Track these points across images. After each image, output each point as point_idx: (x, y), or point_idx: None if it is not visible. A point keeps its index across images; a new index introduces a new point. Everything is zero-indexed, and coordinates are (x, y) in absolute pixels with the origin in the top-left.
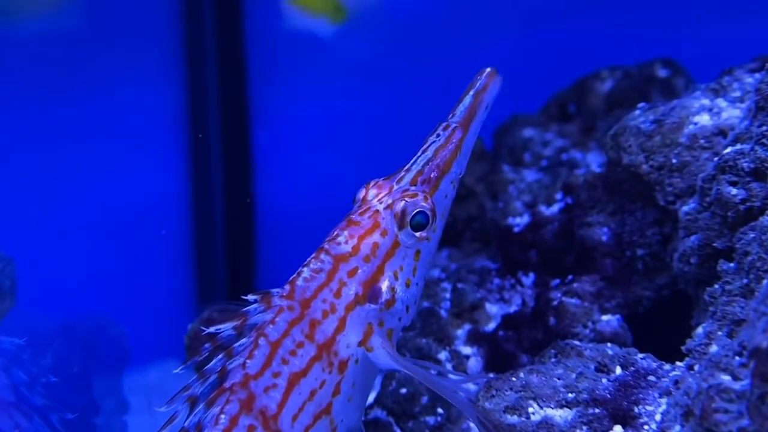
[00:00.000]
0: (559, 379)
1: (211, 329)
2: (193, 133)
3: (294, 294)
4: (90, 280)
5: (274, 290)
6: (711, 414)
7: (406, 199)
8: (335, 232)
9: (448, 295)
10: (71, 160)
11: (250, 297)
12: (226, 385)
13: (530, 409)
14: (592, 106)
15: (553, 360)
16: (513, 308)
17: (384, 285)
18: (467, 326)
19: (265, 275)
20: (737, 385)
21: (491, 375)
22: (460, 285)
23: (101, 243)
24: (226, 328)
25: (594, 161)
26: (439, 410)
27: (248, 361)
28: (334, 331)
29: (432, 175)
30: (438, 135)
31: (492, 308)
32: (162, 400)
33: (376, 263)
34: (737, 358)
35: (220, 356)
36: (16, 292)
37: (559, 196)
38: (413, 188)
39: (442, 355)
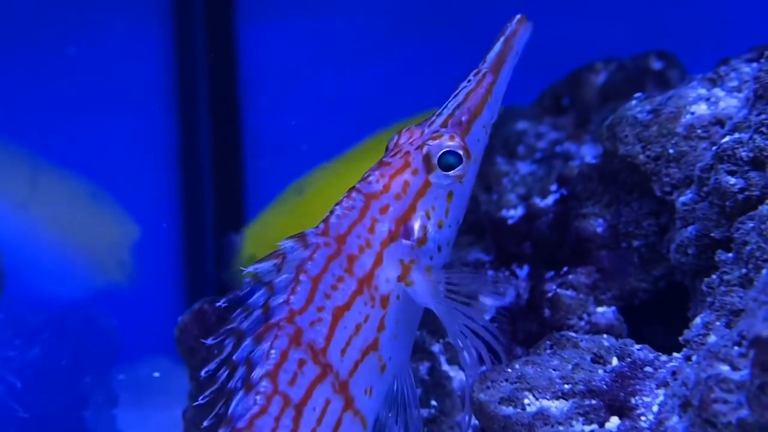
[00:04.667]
0: (554, 370)
1: (250, 268)
2: (183, 140)
3: (329, 231)
4: (81, 272)
5: (309, 230)
6: (710, 404)
7: (429, 142)
8: (367, 173)
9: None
10: (60, 149)
11: (285, 241)
12: (273, 321)
13: (526, 401)
14: (586, 99)
15: (548, 351)
16: (507, 300)
17: (416, 224)
18: None
19: None
20: (737, 375)
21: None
22: None
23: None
24: (267, 265)
25: (588, 153)
26: (433, 402)
27: (292, 297)
28: (372, 265)
29: (463, 118)
30: (469, 80)
31: (486, 300)
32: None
33: (408, 201)
34: (736, 348)
35: (262, 291)
36: (4, 283)
37: (554, 187)
38: (442, 129)
39: (436, 348)
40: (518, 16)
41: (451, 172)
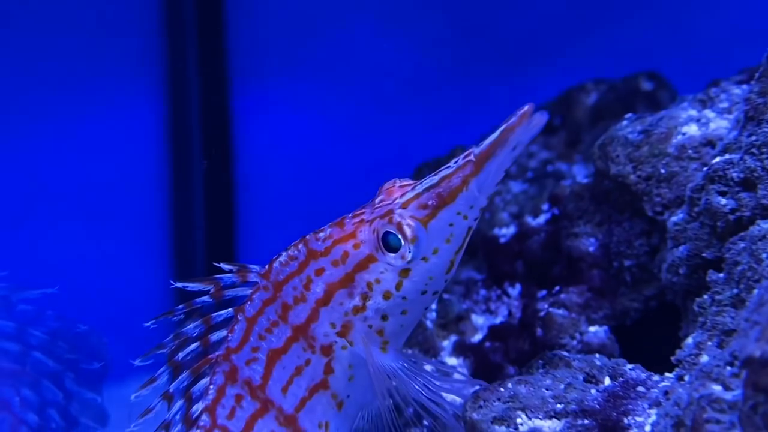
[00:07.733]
0: (547, 389)
1: (178, 284)
2: (175, 147)
3: (270, 274)
4: (71, 289)
5: (253, 266)
6: (702, 424)
7: (378, 219)
8: (325, 226)
9: (434, 306)
10: (50, 163)
11: (225, 266)
12: (212, 356)
13: (518, 420)
14: (577, 119)
15: (541, 371)
16: (499, 319)
17: (354, 291)
18: (453, 337)
19: None
20: (729, 395)
21: (478, 385)
22: (446, 296)
23: (83, 252)
24: (196, 287)
25: (579, 173)
26: (425, 422)
27: (230, 335)
28: (307, 319)
29: (430, 203)
30: (456, 161)
31: (478, 319)
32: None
33: (345, 270)
34: (728, 368)
35: (198, 322)
36: None
37: (545, 206)
38: (398, 210)
39: (428, 368)
40: (524, 108)
41: (394, 254)
